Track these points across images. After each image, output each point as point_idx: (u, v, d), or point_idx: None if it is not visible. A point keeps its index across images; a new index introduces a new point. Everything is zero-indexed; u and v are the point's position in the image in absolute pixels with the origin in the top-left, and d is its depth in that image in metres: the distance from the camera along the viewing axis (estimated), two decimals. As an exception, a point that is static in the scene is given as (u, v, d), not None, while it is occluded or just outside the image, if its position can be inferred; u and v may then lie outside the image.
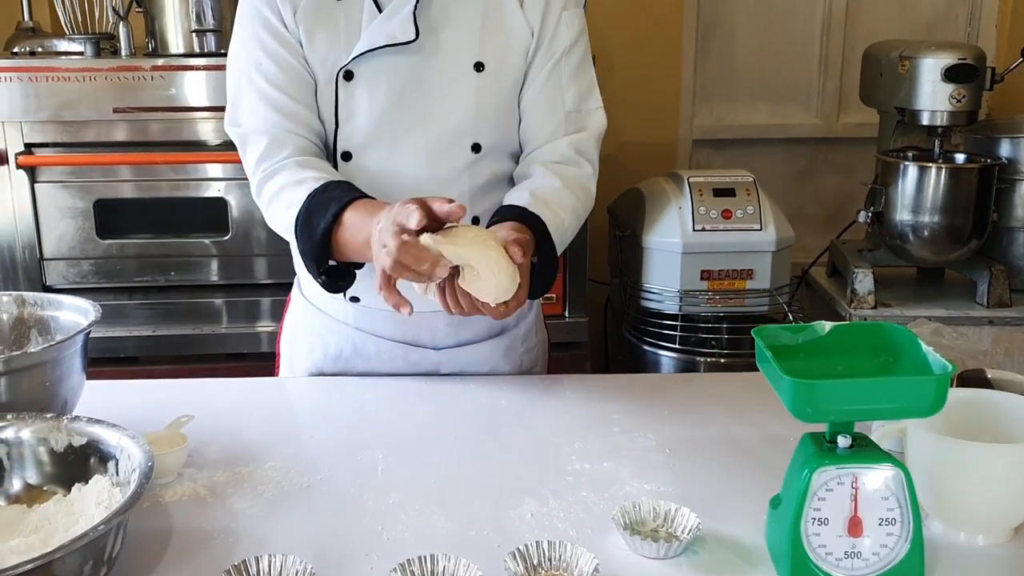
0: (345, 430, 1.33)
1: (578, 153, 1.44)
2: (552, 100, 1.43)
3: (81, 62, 2.28)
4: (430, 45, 1.37)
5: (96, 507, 1.01)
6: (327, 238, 1.28)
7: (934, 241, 2.44)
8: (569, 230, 1.39)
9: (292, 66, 1.37)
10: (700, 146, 3.44)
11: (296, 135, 1.38)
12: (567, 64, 1.43)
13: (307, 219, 1.30)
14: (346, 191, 1.31)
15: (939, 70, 2.33)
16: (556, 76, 1.43)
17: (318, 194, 1.31)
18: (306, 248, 1.31)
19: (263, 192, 1.38)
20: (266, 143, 1.37)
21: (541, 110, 1.44)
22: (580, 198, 1.42)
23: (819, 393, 0.90)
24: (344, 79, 1.36)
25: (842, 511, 0.94)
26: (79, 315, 1.33)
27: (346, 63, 1.36)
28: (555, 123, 1.44)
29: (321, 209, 1.29)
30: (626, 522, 1.04)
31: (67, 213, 2.35)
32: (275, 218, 1.38)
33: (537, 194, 1.36)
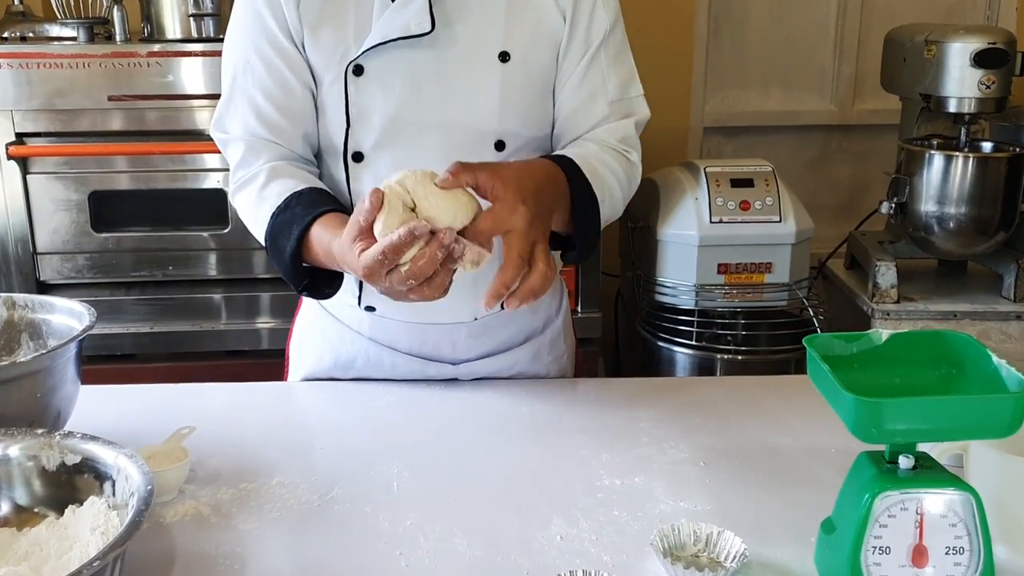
0: (357, 441, 1.25)
1: (623, 141, 1.35)
2: (594, 91, 1.34)
3: (74, 48, 2.19)
4: (448, 36, 1.27)
5: (91, 532, 0.93)
6: (296, 261, 1.22)
7: (960, 233, 2.36)
8: (613, 196, 1.28)
9: (281, 73, 1.29)
10: (711, 134, 3.35)
11: (274, 143, 1.31)
12: (606, 51, 1.34)
13: (273, 242, 1.25)
14: (307, 207, 1.23)
15: (968, 55, 2.24)
16: (597, 65, 1.33)
17: (280, 214, 1.24)
18: (280, 269, 1.26)
19: (236, 201, 1.33)
20: (243, 150, 1.31)
21: (583, 102, 1.34)
22: (628, 173, 1.33)
23: (886, 413, 0.82)
24: (354, 74, 1.27)
25: (905, 539, 0.86)
26: (72, 319, 1.25)
27: (355, 57, 1.26)
28: (599, 115, 1.34)
29: (285, 231, 1.23)
30: (665, 547, 0.96)
31: (61, 206, 2.27)
32: (251, 230, 1.33)
33: (575, 152, 1.27)
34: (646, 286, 2.48)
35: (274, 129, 1.30)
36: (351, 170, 1.31)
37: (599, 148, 1.31)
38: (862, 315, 2.46)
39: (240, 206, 1.33)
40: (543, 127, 1.36)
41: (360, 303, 1.39)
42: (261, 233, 1.28)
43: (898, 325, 2.39)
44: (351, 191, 1.33)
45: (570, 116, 1.35)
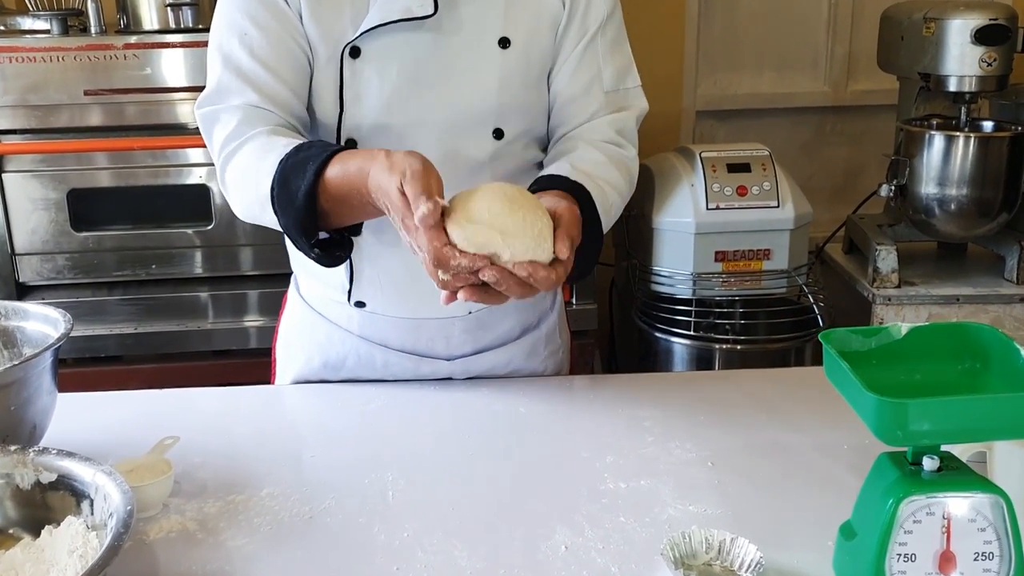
0: (349, 447, 1.20)
1: (619, 134, 1.29)
2: (590, 80, 1.28)
3: (48, 41, 2.12)
4: (450, 20, 1.20)
5: (69, 555, 0.88)
6: (311, 202, 1.09)
7: (962, 215, 2.31)
8: (614, 207, 1.24)
9: (283, 41, 1.20)
10: (704, 117, 3.30)
11: (272, 114, 1.20)
12: (603, 40, 1.28)
13: (284, 185, 1.11)
14: (323, 147, 1.12)
15: (968, 32, 2.19)
16: (592, 53, 1.27)
17: (291, 156, 1.12)
18: (289, 220, 1.12)
19: (227, 173, 1.20)
20: (236, 121, 1.18)
21: (578, 90, 1.28)
22: (624, 178, 1.28)
23: (912, 414, 0.77)
24: (350, 56, 1.20)
25: (932, 545, 0.82)
26: (48, 325, 1.19)
27: (353, 38, 1.20)
28: (594, 105, 1.29)
29: (299, 170, 1.10)
30: (676, 556, 0.91)
31: (39, 205, 2.20)
32: (245, 199, 1.19)
33: (578, 166, 1.21)
34: (642, 275, 2.43)
35: (273, 97, 1.19)
36: None
37: (606, 159, 1.25)
38: (862, 301, 2.41)
39: (233, 173, 1.20)
40: (539, 116, 1.31)
41: (350, 299, 1.33)
42: (265, 186, 1.13)
43: (899, 310, 2.35)
44: None
45: (565, 105, 1.30)
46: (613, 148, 1.29)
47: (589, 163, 1.23)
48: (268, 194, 1.12)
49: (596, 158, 1.25)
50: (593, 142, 1.28)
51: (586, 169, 1.21)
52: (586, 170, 1.21)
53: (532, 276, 0.99)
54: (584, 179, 1.18)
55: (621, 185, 1.27)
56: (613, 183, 1.24)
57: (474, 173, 1.24)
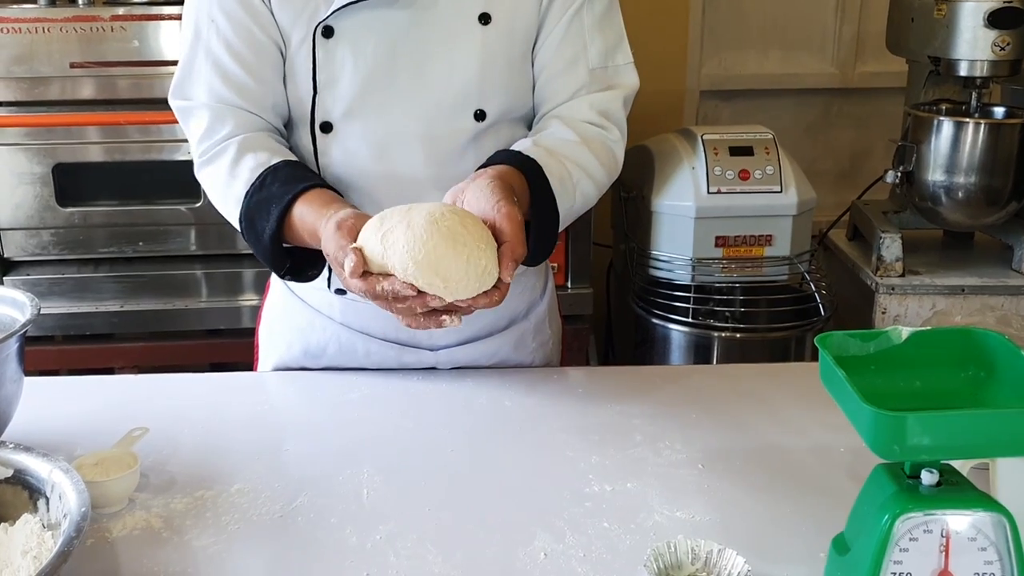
0: (326, 441, 1.15)
1: (602, 115, 1.24)
2: (574, 55, 1.22)
3: (33, 11, 2.06)
4: None
5: (23, 556, 0.84)
6: (276, 244, 1.14)
7: (970, 203, 2.25)
8: (579, 188, 1.18)
9: (251, 31, 1.17)
10: (708, 97, 3.23)
11: (242, 110, 1.19)
12: (590, 12, 1.22)
13: (250, 224, 1.16)
14: (285, 183, 1.14)
15: (981, 15, 2.11)
16: (578, 26, 1.22)
17: (255, 192, 1.15)
18: (257, 252, 1.18)
19: (202, 177, 1.22)
20: (208, 119, 1.19)
21: (560, 67, 1.22)
22: (603, 161, 1.22)
23: (910, 429, 0.72)
24: (323, 36, 1.15)
25: (929, 564, 0.77)
26: (15, 309, 1.15)
27: (325, 17, 1.15)
28: (577, 82, 1.23)
29: (263, 212, 1.14)
30: (660, 567, 0.87)
31: (24, 179, 2.14)
32: (220, 209, 1.23)
33: (541, 143, 1.17)
34: (640, 259, 2.38)
35: (242, 93, 1.19)
36: (319, 142, 1.21)
37: (579, 139, 1.20)
38: (865, 289, 2.36)
39: (207, 183, 1.22)
40: (525, 95, 1.25)
41: (330, 286, 1.29)
42: (234, 214, 1.18)
43: (903, 300, 2.29)
44: (319, 165, 1.22)
45: (547, 82, 1.24)
46: (593, 129, 1.23)
47: (556, 141, 1.19)
48: (238, 223, 1.18)
49: (566, 136, 1.20)
50: (570, 121, 1.23)
51: (549, 145, 1.17)
52: (548, 146, 1.16)
53: (473, 306, 0.99)
54: (542, 155, 1.14)
55: (593, 168, 1.21)
56: (581, 163, 1.19)
57: (455, 157, 1.19)
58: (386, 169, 1.19)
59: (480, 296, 0.98)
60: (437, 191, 1.11)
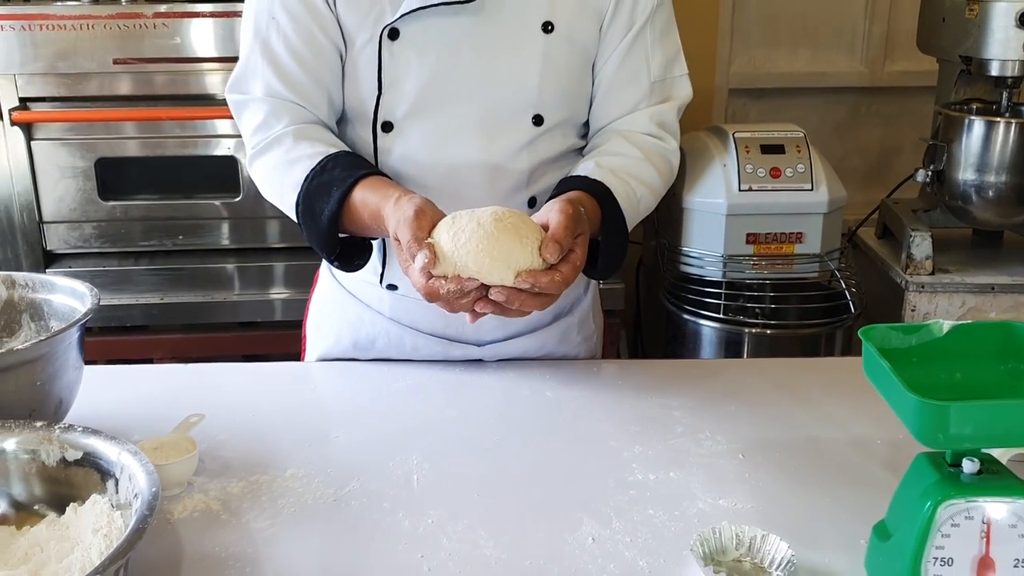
0: (375, 428, 1.19)
1: (660, 126, 1.28)
2: (636, 71, 1.26)
3: (78, 9, 2.11)
4: (492, 2, 1.18)
5: (94, 534, 0.87)
6: (334, 226, 1.16)
7: (1000, 202, 2.26)
8: (643, 203, 1.24)
9: (311, 32, 1.20)
10: (736, 95, 3.24)
11: (297, 106, 1.22)
12: (652, 29, 1.26)
13: (308, 206, 1.18)
14: (346, 168, 1.17)
15: (1013, 15, 2.12)
16: (641, 44, 1.25)
17: (316, 175, 1.17)
18: (312, 236, 1.20)
19: (256, 167, 1.25)
20: (265, 112, 1.22)
21: (623, 83, 1.26)
22: (662, 172, 1.27)
23: (954, 417, 0.75)
24: (389, 38, 1.18)
25: (970, 550, 0.80)
26: (75, 299, 1.19)
27: (392, 20, 1.18)
28: (638, 95, 1.27)
29: (323, 194, 1.16)
30: (705, 552, 0.90)
31: (67, 173, 2.20)
32: (273, 197, 1.26)
33: (604, 163, 1.21)
34: (671, 256, 2.40)
35: (298, 91, 1.22)
36: (379, 140, 1.24)
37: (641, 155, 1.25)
38: (895, 287, 2.37)
39: (261, 172, 1.25)
40: (581, 103, 1.29)
41: (382, 281, 1.32)
42: (291, 197, 1.20)
43: (933, 298, 2.31)
44: (378, 161, 1.25)
45: (608, 95, 1.28)
46: (652, 140, 1.28)
47: (619, 159, 1.23)
48: (294, 207, 1.19)
49: (629, 152, 1.24)
50: (630, 135, 1.27)
51: (612, 166, 1.21)
52: (612, 166, 1.20)
53: (536, 284, 1.01)
54: (607, 176, 1.18)
55: (654, 180, 1.26)
56: (643, 178, 1.23)
57: (511, 157, 1.22)
58: (443, 166, 1.22)
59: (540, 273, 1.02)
60: (491, 188, 1.15)
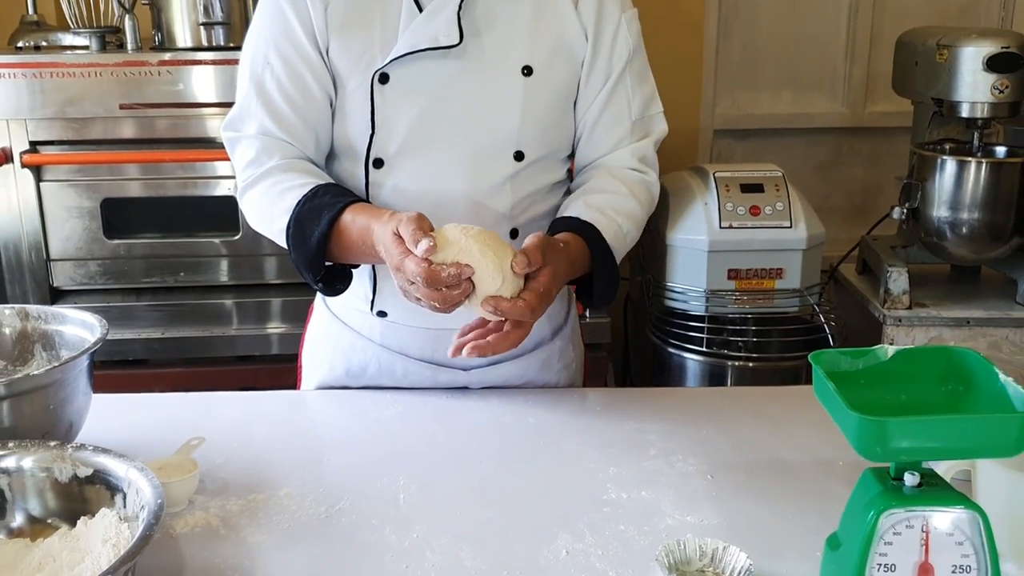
0: (365, 452, 1.26)
1: (642, 161, 1.38)
2: (619, 113, 1.36)
3: (86, 57, 2.21)
4: (474, 48, 1.28)
5: (103, 544, 0.94)
6: (322, 247, 1.23)
7: (973, 239, 2.34)
8: (629, 237, 1.34)
9: (302, 76, 1.29)
10: (722, 136, 3.34)
11: (288, 144, 1.31)
12: (631, 73, 1.36)
13: (299, 228, 1.24)
14: (336, 196, 1.25)
15: (980, 59, 2.23)
16: (622, 88, 1.35)
17: (307, 201, 1.25)
18: (300, 257, 1.26)
19: (247, 197, 1.32)
20: (256, 149, 1.30)
21: (607, 124, 1.36)
22: (644, 203, 1.37)
23: (891, 432, 0.82)
24: (379, 82, 1.28)
25: (911, 557, 0.86)
26: (85, 330, 1.26)
27: (382, 66, 1.27)
28: (621, 134, 1.37)
29: (313, 217, 1.23)
30: (670, 562, 0.96)
31: (73, 213, 2.28)
32: (261, 225, 1.33)
33: (592, 202, 1.30)
34: (656, 291, 2.48)
35: (289, 130, 1.30)
36: (372, 175, 1.32)
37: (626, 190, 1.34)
38: (874, 321, 2.44)
39: (252, 200, 1.31)
40: (561, 140, 1.37)
41: (372, 308, 1.39)
42: (281, 222, 1.26)
43: (910, 332, 2.38)
44: (368, 195, 1.33)
45: (593, 135, 1.37)
46: (635, 174, 1.37)
47: (605, 196, 1.32)
48: (284, 231, 1.26)
49: (615, 189, 1.34)
50: (615, 171, 1.36)
51: (600, 204, 1.29)
52: (599, 204, 1.29)
53: (498, 309, 1.11)
54: (595, 215, 1.27)
55: (637, 212, 1.35)
56: (628, 212, 1.32)
57: (495, 191, 1.31)
58: (431, 198, 1.30)
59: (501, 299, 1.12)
60: (475, 219, 1.24)
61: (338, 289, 1.31)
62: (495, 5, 1.29)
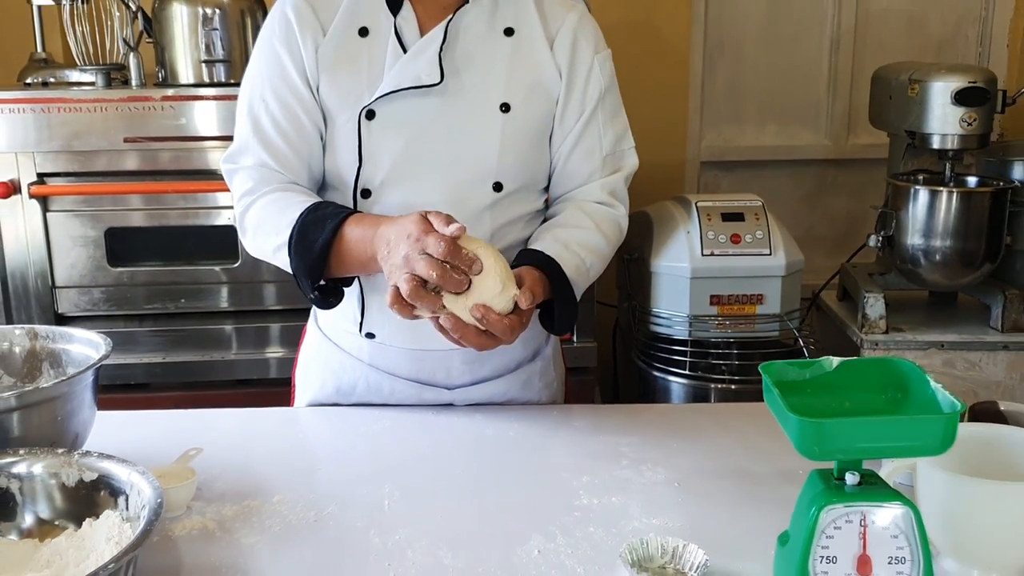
0: (353, 463, 1.33)
1: (611, 195, 1.47)
2: (590, 148, 1.45)
3: (92, 93, 2.31)
4: (455, 86, 1.37)
5: (106, 543, 1.01)
6: (325, 253, 1.29)
7: (946, 265, 2.43)
8: (592, 271, 1.41)
9: (295, 113, 1.39)
10: (708, 168, 3.44)
11: (283, 174, 1.40)
12: (603, 110, 1.45)
13: (302, 237, 1.31)
14: (338, 208, 1.33)
15: (949, 93, 2.33)
16: (594, 124, 1.44)
17: (311, 212, 1.32)
18: (301, 265, 1.32)
19: (246, 220, 1.40)
20: (254, 180, 1.39)
21: (579, 159, 1.45)
22: (610, 238, 1.45)
23: (826, 432, 0.90)
24: (366, 118, 1.37)
25: (850, 549, 0.94)
26: (90, 348, 1.34)
27: (369, 103, 1.36)
28: (592, 168, 1.46)
29: (317, 226, 1.30)
30: (633, 559, 1.04)
31: (79, 242, 2.37)
32: (261, 243, 1.39)
33: (559, 236, 1.39)
34: (641, 316, 2.56)
35: (284, 163, 1.39)
36: (359, 205, 1.41)
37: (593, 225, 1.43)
38: (853, 346, 2.52)
39: (253, 217, 1.38)
40: (537, 172, 1.46)
41: (361, 330, 1.47)
42: (285, 234, 1.32)
43: (886, 355, 2.46)
44: None
45: (565, 168, 1.47)
46: (604, 209, 1.46)
47: (573, 231, 1.40)
48: (286, 241, 1.32)
49: (583, 223, 1.42)
50: (584, 205, 1.45)
51: (566, 238, 1.38)
52: (565, 239, 1.38)
53: (485, 318, 1.18)
54: (560, 250, 1.35)
55: (602, 246, 1.43)
56: (592, 247, 1.41)
57: (475, 219, 1.40)
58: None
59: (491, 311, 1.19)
60: None
61: (331, 302, 1.38)
62: (474, 46, 1.38)
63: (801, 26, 3.34)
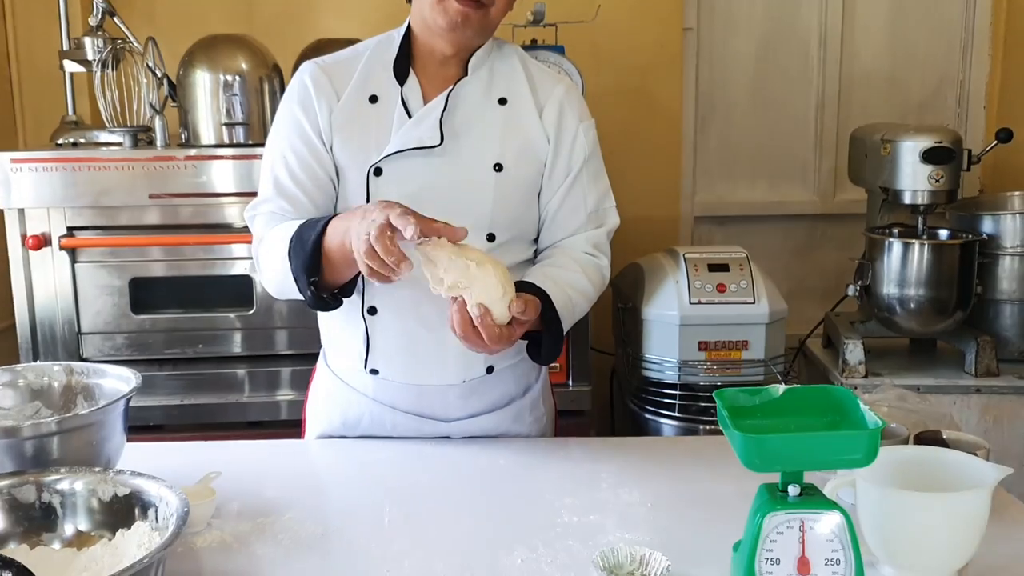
0: (358, 487, 1.47)
1: (595, 247, 1.63)
2: (575, 205, 1.61)
3: (120, 152, 2.48)
4: (454, 148, 1.53)
5: (138, 549, 1.14)
6: (317, 248, 1.42)
7: (920, 313, 2.57)
8: (577, 308, 1.56)
9: (312, 168, 1.55)
10: (702, 222, 3.59)
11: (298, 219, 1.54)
12: (587, 172, 1.62)
13: (299, 237, 1.46)
14: (335, 214, 1.48)
15: (918, 152, 2.49)
16: (579, 184, 1.61)
17: (308, 221, 1.48)
18: (298, 263, 1.45)
19: (260, 252, 1.56)
20: (271, 223, 1.55)
21: (565, 214, 1.61)
22: (594, 282, 1.60)
23: (766, 446, 1.04)
24: (374, 175, 1.53)
25: (792, 552, 1.07)
26: (121, 382, 1.49)
27: (376, 161, 1.53)
28: (577, 223, 1.62)
29: (310, 227, 1.45)
30: (605, 565, 1.16)
31: (104, 291, 2.53)
32: (270, 264, 1.52)
33: (549, 274, 1.54)
34: (634, 362, 2.70)
35: (300, 209, 1.56)
36: None
37: (579, 269, 1.58)
38: (834, 389, 2.64)
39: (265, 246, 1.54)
40: (528, 225, 1.62)
41: (366, 367, 1.61)
42: (286, 242, 1.46)
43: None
44: None
45: (553, 222, 1.63)
46: (589, 258, 1.62)
47: (561, 271, 1.56)
48: (287, 249, 1.46)
49: (570, 267, 1.58)
50: (571, 253, 1.61)
51: (555, 276, 1.53)
52: (555, 277, 1.53)
53: (483, 319, 1.31)
54: (550, 285, 1.50)
55: (587, 288, 1.59)
56: (578, 287, 1.56)
57: None
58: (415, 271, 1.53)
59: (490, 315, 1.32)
60: None
61: (329, 305, 1.51)
62: (472, 113, 1.55)
63: (788, 89, 3.52)
